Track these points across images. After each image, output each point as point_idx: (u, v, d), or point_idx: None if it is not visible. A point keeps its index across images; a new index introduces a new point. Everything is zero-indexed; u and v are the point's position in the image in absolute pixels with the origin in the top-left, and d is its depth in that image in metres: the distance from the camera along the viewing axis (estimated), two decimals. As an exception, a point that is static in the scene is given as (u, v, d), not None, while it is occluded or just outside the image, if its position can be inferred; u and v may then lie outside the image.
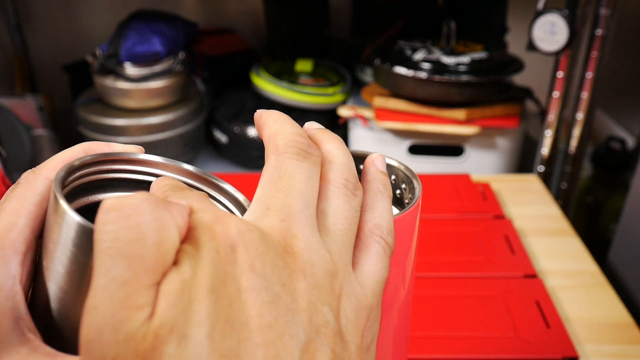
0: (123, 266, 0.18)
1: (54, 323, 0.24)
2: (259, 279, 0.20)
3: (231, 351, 0.19)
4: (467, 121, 1.03)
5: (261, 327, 0.19)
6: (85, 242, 0.22)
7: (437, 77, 1.00)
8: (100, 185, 0.28)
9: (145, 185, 0.29)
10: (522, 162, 1.14)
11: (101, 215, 0.19)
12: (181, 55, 1.19)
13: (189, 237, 0.20)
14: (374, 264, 0.25)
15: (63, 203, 0.23)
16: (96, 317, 0.18)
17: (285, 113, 0.27)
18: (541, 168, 1.02)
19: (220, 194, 0.31)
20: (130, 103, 1.16)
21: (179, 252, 0.19)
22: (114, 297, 0.18)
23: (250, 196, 0.30)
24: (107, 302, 0.18)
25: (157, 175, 0.29)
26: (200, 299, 0.18)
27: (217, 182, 0.30)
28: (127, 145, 0.28)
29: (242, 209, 0.29)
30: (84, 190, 0.28)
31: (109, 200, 0.19)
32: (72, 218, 0.22)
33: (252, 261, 0.20)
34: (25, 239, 0.24)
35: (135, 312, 0.18)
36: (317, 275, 0.22)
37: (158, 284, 0.18)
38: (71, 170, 0.26)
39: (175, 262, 0.19)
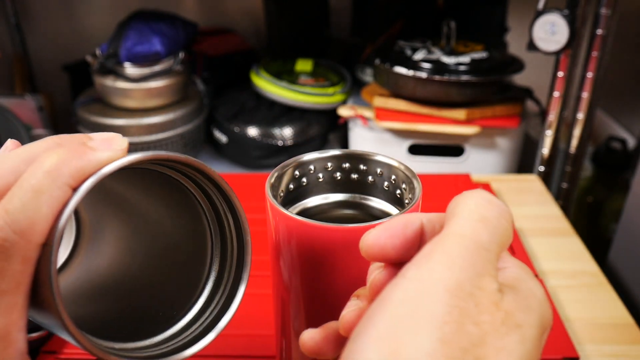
0: None
1: None
2: None
3: None
4: (467, 121, 1.02)
5: None
6: None
7: (437, 77, 1.00)
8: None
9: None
10: (522, 162, 1.14)
11: None
12: (181, 55, 1.19)
13: None
14: None
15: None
16: None
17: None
18: (541, 168, 1.02)
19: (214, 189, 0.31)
20: (130, 103, 1.16)
21: None
22: None
23: (248, 196, 0.30)
24: None
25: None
26: None
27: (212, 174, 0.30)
28: (108, 133, 0.27)
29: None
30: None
31: None
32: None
33: None
34: (25, 328, 0.23)
35: None
36: None
37: None
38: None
39: None
